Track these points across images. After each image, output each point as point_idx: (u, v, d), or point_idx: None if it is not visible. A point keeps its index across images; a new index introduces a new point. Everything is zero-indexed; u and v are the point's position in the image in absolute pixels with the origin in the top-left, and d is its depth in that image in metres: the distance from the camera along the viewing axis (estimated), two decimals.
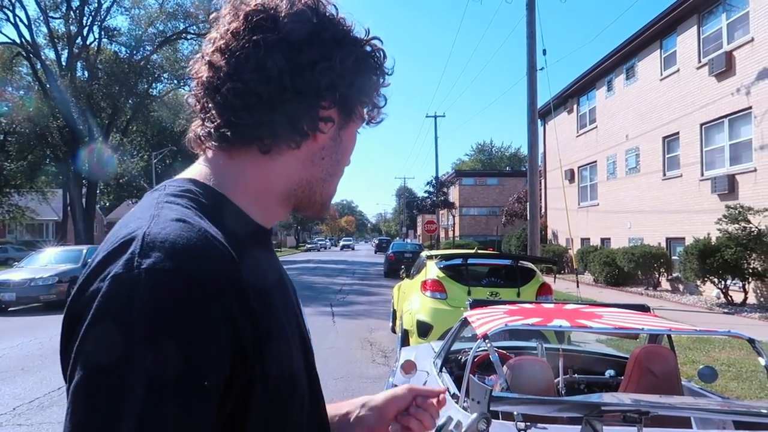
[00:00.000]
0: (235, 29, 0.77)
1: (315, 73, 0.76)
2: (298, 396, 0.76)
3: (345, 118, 0.83)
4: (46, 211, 38.64)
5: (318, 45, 0.77)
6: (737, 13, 13.72)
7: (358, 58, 0.80)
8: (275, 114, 0.76)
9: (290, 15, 0.76)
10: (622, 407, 1.60)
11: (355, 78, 0.80)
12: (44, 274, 12.69)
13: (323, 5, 0.80)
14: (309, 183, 0.83)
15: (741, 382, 6.02)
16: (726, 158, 14.08)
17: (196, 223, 0.67)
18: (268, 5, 0.77)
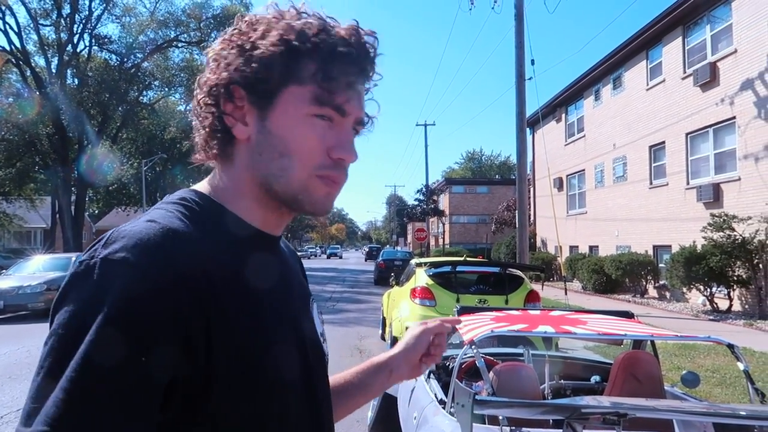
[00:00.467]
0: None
1: (207, 77, 0.83)
2: (281, 399, 0.78)
3: (262, 108, 0.81)
4: (34, 218, 38.34)
5: (216, 53, 0.84)
6: (721, 25, 13.98)
7: (254, 42, 0.80)
8: (201, 122, 0.85)
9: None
10: (601, 409, 1.66)
11: (258, 64, 0.79)
12: (32, 282, 12.60)
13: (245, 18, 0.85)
14: (263, 181, 0.83)
15: (725, 388, 6.11)
16: (711, 167, 14.29)
17: (166, 222, 0.74)
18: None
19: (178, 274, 0.69)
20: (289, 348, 0.82)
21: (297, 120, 0.80)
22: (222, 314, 0.72)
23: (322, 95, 0.79)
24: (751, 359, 7.49)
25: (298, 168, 0.81)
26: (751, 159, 12.66)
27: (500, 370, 2.97)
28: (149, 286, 0.67)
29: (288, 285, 0.89)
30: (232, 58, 0.80)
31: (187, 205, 0.81)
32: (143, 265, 0.67)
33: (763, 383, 6.20)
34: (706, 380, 6.24)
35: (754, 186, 12.54)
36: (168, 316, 0.67)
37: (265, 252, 0.85)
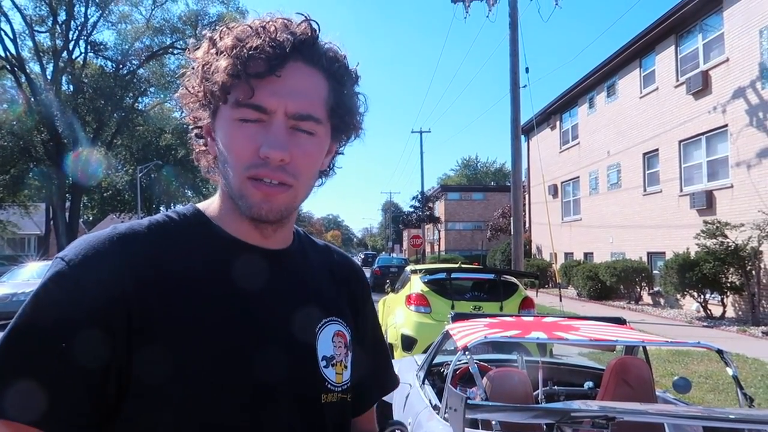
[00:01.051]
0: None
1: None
2: (204, 413, 0.77)
3: (213, 121, 0.85)
4: (28, 225, 38.15)
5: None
6: (713, 34, 14.12)
7: (201, 60, 0.84)
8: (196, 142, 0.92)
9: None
10: (590, 413, 1.69)
11: (194, 86, 0.85)
12: (26, 289, 12.52)
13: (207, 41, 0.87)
14: (229, 192, 0.86)
15: (717, 394, 6.15)
16: (704, 174, 14.40)
17: (122, 228, 0.82)
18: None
19: (100, 271, 0.76)
20: (235, 357, 0.79)
21: (227, 124, 0.82)
22: (147, 315, 0.76)
23: (238, 97, 0.79)
24: (744, 365, 7.54)
25: (233, 172, 0.82)
26: (744, 166, 12.77)
27: (494, 375, 3.00)
28: (70, 277, 0.75)
29: (269, 296, 0.86)
30: (188, 78, 0.87)
31: (170, 216, 0.87)
32: (72, 260, 0.76)
33: (755, 389, 6.25)
34: (698, 386, 6.29)
35: (746, 193, 12.64)
36: (85, 307, 0.73)
37: (236, 261, 0.85)
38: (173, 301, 0.78)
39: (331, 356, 0.91)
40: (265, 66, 0.79)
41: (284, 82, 0.80)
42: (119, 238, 0.80)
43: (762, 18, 12.25)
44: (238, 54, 0.79)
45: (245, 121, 0.80)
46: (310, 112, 0.82)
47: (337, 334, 0.94)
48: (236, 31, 0.82)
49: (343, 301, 1.00)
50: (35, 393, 0.70)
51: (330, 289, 0.98)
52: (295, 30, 0.83)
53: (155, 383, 0.75)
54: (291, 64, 0.81)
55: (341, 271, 1.03)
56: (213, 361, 0.78)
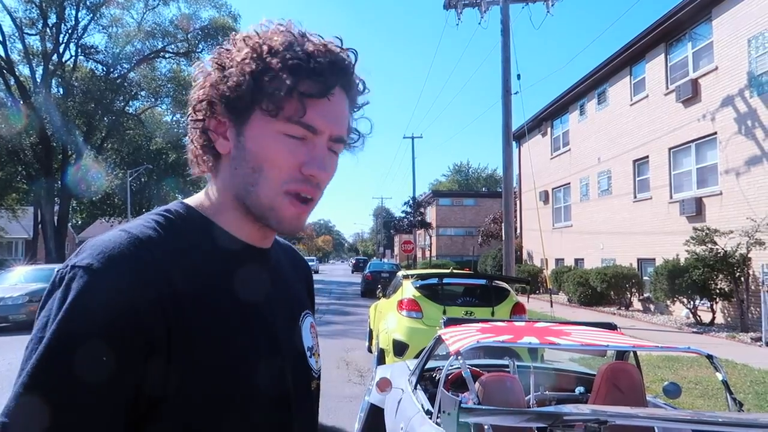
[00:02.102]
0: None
1: (194, 95, 0.87)
2: (241, 414, 0.79)
3: (239, 123, 0.84)
4: (15, 228, 37.78)
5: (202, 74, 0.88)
6: (702, 43, 14.28)
7: (225, 64, 0.84)
8: (192, 141, 0.89)
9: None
10: (582, 416, 1.70)
11: (234, 82, 0.82)
12: (14, 294, 12.42)
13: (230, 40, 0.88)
14: (236, 195, 0.86)
15: (707, 399, 6.19)
16: (693, 182, 14.53)
17: (136, 232, 0.78)
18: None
19: (139, 280, 0.72)
20: (261, 363, 0.83)
21: (268, 136, 0.82)
22: (184, 325, 0.74)
23: (289, 113, 0.81)
24: (733, 371, 7.60)
25: (267, 183, 0.83)
26: (732, 174, 12.90)
27: (486, 380, 3.01)
28: (107, 289, 0.71)
29: (271, 298, 0.90)
30: (214, 76, 0.84)
31: (168, 217, 0.85)
32: (103, 270, 0.72)
33: (744, 395, 6.30)
34: (688, 392, 6.32)
35: (735, 200, 12.76)
36: (126, 319, 0.71)
37: (246, 264, 0.87)
38: (203, 306, 0.78)
39: (311, 346, 0.98)
40: (321, 88, 0.81)
41: (331, 106, 0.83)
42: (141, 242, 0.77)
43: (750, 27, 12.42)
44: (296, 71, 0.81)
45: (290, 136, 0.82)
46: (344, 135, 0.88)
47: (311, 325, 1.01)
48: (284, 41, 0.83)
49: (306, 294, 1.08)
50: (75, 412, 0.68)
51: (298, 284, 1.05)
52: (344, 55, 0.86)
53: (193, 389, 0.75)
54: (336, 89, 0.84)
55: (301, 266, 1.10)
56: (244, 363, 0.81)
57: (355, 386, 7.00)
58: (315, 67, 0.81)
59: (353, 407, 5.58)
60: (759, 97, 12.16)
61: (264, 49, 0.82)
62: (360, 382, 7.23)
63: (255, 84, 0.81)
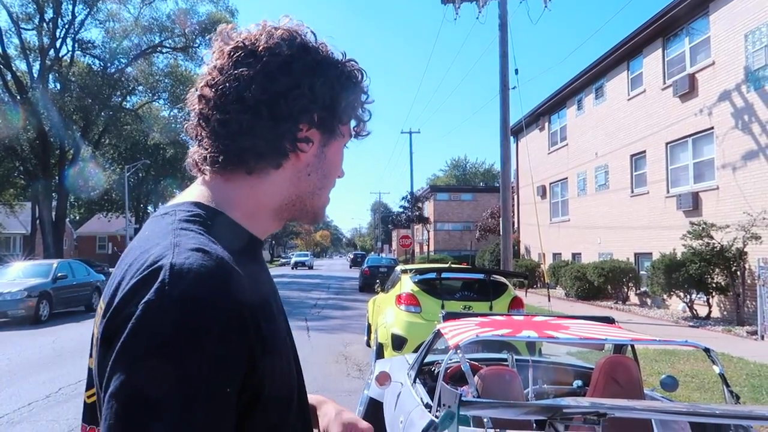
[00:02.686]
0: (220, 65, 0.86)
1: (289, 100, 0.84)
2: (293, 406, 0.82)
3: (327, 135, 0.91)
4: (13, 224, 37.70)
5: (291, 73, 0.84)
6: (699, 38, 14.29)
7: (332, 81, 0.88)
8: (255, 140, 0.84)
9: (266, 49, 0.85)
10: (581, 409, 1.72)
11: (331, 99, 0.88)
12: (12, 289, 12.42)
13: (299, 36, 0.88)
14: (298, 197, 0.91)
15: (703, 392, 6.24)
16: (690, 176, 14.57)
17: (213, 251, 0.74)
18: (247, 41, 0.86)
19: (243, 305, 0.71)
20: (290, 355, 0.86)
21: (341, 150, 0.95)
22: (263, 331, 0.75)
23: (353, 128, 0.96)
24: (729, 364, 7.65)
25: (328, 188, 0.95)
26: (729, 168, 12.94)
27: (485, 374, 3.03)
28: (229, 323, 0.69)
29: (276, 291, 0.92)
30: (317, 90, 0.87)
31: (205, 222, 0.82)
32: (218, 303, 0.69)
33: (740, 388, 6.35)
34: (685, 385, 6.37)
35: (732, 195, 12.80)
36: (244, 344, 0.70)
37: (256, 258, 0.89)
38: (268, 314, 0.79)
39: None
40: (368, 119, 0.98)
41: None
42: (224, 263, 0.74)
43: (747, 22, 12.43)
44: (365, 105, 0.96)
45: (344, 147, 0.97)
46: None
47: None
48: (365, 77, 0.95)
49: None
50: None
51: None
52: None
53: (281, 392, 0.79)
54: None
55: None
56: (291, 364, 0.85)
57: (354, 380, 7.03)
58: (363, 85, 0.95)
59: (352, 401, 5.61)
60: (756, 91, 12.18)
61: (357, 77, 0.94)
62: (359, 376, 7.26)
63: (353, 112, 0.95)
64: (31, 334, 11.00)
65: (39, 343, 9.80)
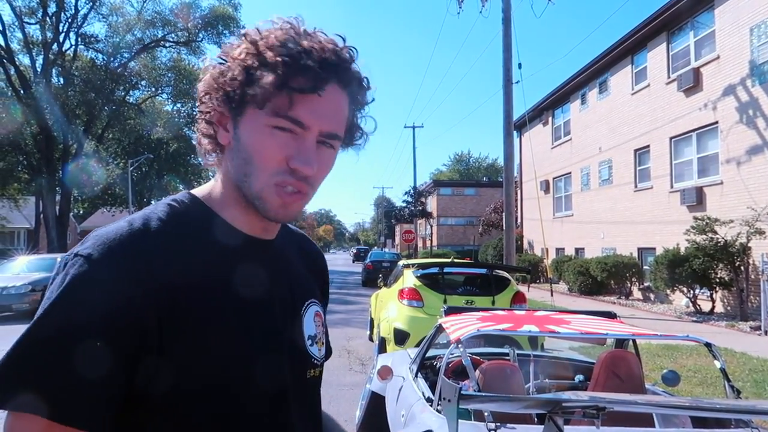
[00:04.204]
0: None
1: (198, 88, 0.91)
2: (235, 400, 0.82)
3: (236, 115, 0.87)
4: (17, 218, 37.81)
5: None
6: (704, 31, 14.21)
7: (242, 55, 0.85)
8: (199, 133, 0.93)
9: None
10: (580, 403, 1.72)
11: (226, 78, 0.85)
12: (17, 283, 12.47)
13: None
14: (237, 186, 0.89)
15: (705, 387, 6.24)
16: (694, 171, 14.52)
17: (139, 224, 0.83)
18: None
19: (134, 271, 0.76)
20: (257, 353, 0.85)
21: (258, 129, 0.85)
22: (177, 316, 0.78)
23: (277, 107, 0.83)
24: (732, 359, 7.64)
25: (257, 174, 0.86)
26: (733, 163, 12.89)
27: (486, 368, 3.04)
28: (102, 279, 0.76)
29: (270, 287, 0.92)
30: (216, 69, 0.87)
31: (173, 206, 0.88)
32: (100, 260, 0.76)
33: (743, 383, 6.34)
34: (687, 380, 6.37)
35: (736, 189, 12.76)
36: (117, 309, 0.75)
37: (244, 255, 0.90)
38: (197, 297, 0.81)
39: (314, 335, 1.00)
40: (310, 84, 0.83)
41: (323, 101, 0.84)
42: (140, 233, 0.81)
43: (752, 16, 12.34)
44: (286, 67, 0.82)
45: (278, 129, 0.84)
46: (338, 132, 0.89)
47: (316, 314, 1.02)
48: (281, 37, 0.84)
49: (316, 284, 1.09)
50: (65, 391, 0.72)
51: (306, 273, 1.06)
52: (339, 53, 0.87)
53: (187, 381, 0.79)
54: (330, 85, 0.85)
55: (313, 256, 1.12)
56: (238, 354, 0.83)
57: (357, 374, 7.05)
58: (307, 63, 0.82)
59: (354, 395, 5.63)
60: (761, 86, 12.11)
61: (260, 45, 0.84)
62: (361, 370, 7.28)
63: (248, 77, 0.83)
64: None
65: None
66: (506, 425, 2.50)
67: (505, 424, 2.50)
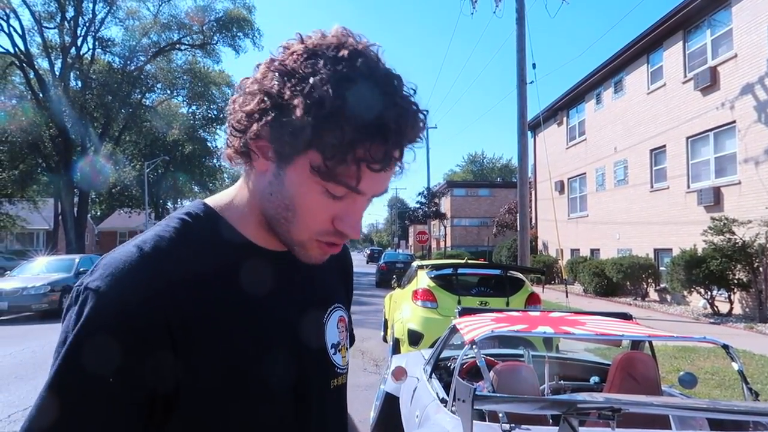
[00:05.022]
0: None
1: (239, 101, 0.81)
2: (253, 413, 0.81)
3: (283, 160, 0.77)
4: (36, 219, 38.44)
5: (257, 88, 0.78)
6: (721, 30, 14.04)
7: (284, 96, 0.74)
8: (231, 138, 0.82)
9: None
10: (596, 404, 1.72)
11: (286, 120, 0.74)
12: (36, 283, 12.68)
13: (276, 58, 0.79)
14: (269, 220, 0.83)
15: (723, 390, 6.16)
16: (711, 171, 14.35)
17: (148, 247, 0.78)
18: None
19: (145, 299, 0.73)
20: (272, 360, 0.83)
21: (310, 188, 0.77)
22: (192, 337, 0.76)
23: (338, 175, 0.75)
24: (751, 362, 7.55)
25: (299, 228, 0.80)
26: (752, 163, 12.72)
27: (500, 369, 3.03)
28: (114, 313, 0.72)
29: (288, 296, 0.89)
30: (269, 103, 0.75)
31: (187, 223, 0.84)
32: (110, 293, 0.73)
33: (762, 385, 6.26)
34: (704, 382, 6.30)
35: (754, 190, 12.59)
36: (130, 338, 0.73)
37: (260, 266, 0.85)
38: (212, 315, 0.78)
39: (337, 342, 0.96)
40: (388, 161, 0.75)
41: (385, 172, 0.77)
42: (149, 257, 0.77)
43: None
44: (364, 132, 0.72)
45: (331, 195, 0.77)
46: (386, 189, 0.83)
47: (340, 320, 0.99)
48: (360, 79, 0.73)
49: (341, 284, 1.06)
50: (86, 418, 0.72)
51: (331, 276, 1.02)
52: (425, 116, 0.78)
53: (201, 385, 0.78)
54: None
55: (338, 257, 1.05)
56: (253, 369, 0.81)
57: (371, 375, 7.07)
58: (385, 131, 0.72)
59: (369, 396, 5.65)
60: None
61: (323, 97, 0.71)
62: (375, 371, 7.29)
63: (314, 133, 0.72)
64: (55, 327, 11.19)
65: None
66: (521, 426, 2.50)
67: (519, 426, 2.49)
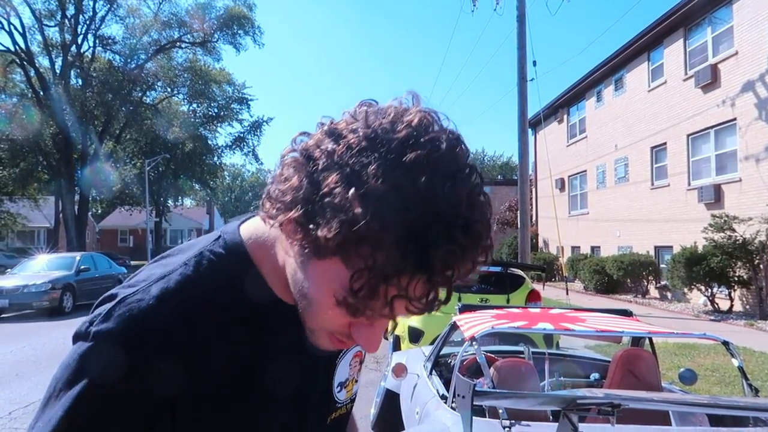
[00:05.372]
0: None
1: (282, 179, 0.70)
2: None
3: (310, 253, 0.66)
4: (37, 217, 38.47)
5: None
6: (722, 27, 14.01)
7: (335, 193, 0.61)
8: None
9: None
10: (595, 400, 1.73)
11: (315, 222, 0.63)
12: (37, 281, 12.70)
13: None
14: (296, 291, 0.72)
15: (724, 386, 6.17)
16: (712, 168, 14.34)
17: (169, 296, 0.72)
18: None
19: (150, 359, 0.69)
20: (272, 416, 0.80)
21: (328, 293, 0.65)
22: (191, 396, 0.72)
23: (364, 310, 0.65)
24: (751, 359, 7.55)
25: (314, 321, 0.71)
26: (752, 160, 12.71)
27: (501, 366, 3.04)
28: (120, 368, 0.68)
29: (299, 354, 0.81)
30: (303, 193, 0.64)
31: (213, 261, 0.77)
32: (120, 350, 0.68)
33: (762, 382, 6.27)
34: (705, 379, 6.31)
35: (754, 187, 12.58)
36: (133, 396, 0.70)
37: (279, 324, 0.78)
38: (214, 378, 0.74)
39: (345, 380, 0.92)
40: (427, 309, 0.70)
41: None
42: (164, 316, 0.71)
43: None
44: (400, 275, 0.62)
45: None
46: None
47: (356, 354, 0.94)
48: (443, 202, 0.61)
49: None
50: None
51: None
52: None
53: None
54: None
55: None
56: (252, 427, 0.79)
57: (372, 372, 7.07)
58: (431, 269, 0.63)
59: (369, 393, 5.66)
60: None
61: (371, 208, 0.59)
62: (376, 368, 7.30)
63: (340, 249, 0.62)
64: (55, 325, 11.24)
65: (63, 334, 10.00)
66: (521, 422, 2.51)
67: (519, 422, 2.50)
